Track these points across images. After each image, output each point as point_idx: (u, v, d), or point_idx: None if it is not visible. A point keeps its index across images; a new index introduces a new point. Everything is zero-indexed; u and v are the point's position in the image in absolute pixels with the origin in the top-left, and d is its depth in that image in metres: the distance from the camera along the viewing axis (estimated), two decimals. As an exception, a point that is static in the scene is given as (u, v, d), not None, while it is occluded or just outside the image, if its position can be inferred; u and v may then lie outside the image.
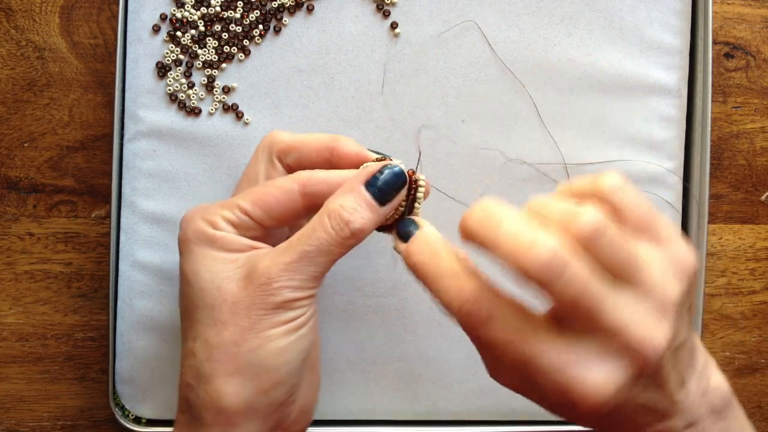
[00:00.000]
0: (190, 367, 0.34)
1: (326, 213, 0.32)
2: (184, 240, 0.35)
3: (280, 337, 0.32)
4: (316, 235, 0.32)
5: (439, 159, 0.43)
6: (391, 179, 0.33)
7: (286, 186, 0.34)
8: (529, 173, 0.43)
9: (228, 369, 0.32)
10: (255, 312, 0.32)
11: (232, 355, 0.32)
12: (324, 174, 0.34)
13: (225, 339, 0.32)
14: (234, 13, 0.42)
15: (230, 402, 0.32)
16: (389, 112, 0.43)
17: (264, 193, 0.34)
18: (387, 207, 0.33)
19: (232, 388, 0.32)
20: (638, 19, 0.43)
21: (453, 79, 0.43)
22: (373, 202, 0.33)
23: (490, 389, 0.44)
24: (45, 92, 0.45)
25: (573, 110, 0.43)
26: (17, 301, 0.45)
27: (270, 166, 0.36)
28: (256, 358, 0.32)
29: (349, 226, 0.32)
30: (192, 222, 0.34)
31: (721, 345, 0.48)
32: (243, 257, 0.33)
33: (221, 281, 0.33)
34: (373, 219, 0.33)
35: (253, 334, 0.32)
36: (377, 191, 0.33)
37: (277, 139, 0.36)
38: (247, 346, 0.32)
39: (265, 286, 0.32)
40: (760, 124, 0.47)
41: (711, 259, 0.47)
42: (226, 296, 0.33)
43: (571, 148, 0.43)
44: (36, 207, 0.45)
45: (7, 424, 0.46)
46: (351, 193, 0.33)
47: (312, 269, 0.32)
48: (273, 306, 0.32)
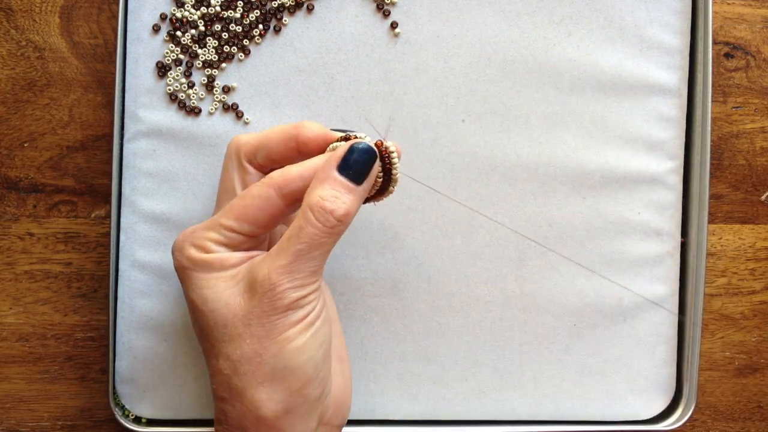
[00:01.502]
0: (220, 383, 0.34)
1: (308, 208, 0.32)
2: (180, 269, 0.35)
3: (297, 337, 0.33)
4: (304, 232, 0.32)
5: (438, 159, 0.43)
6: (361, 157, 0.33)
7: (264, 193, 0.34)
8: (529, 173, 0.43)
9: (257, 379, 0.33)
10: (267, 319, 0.32)
11: (257, 365, 0.33)
12: (296, 169, 0.34)
13: (246, 351, 0.33)
14: (234, 12, 0.42)
15: (268, 409, 0.33)
16: (389, 112, 0.43)
17: (244, 206, 0.34)
18: (365, 184, 0.33)
19: (266, 395, 0.33)
20: (638, 19, 0.43)
21: (453, 79, 0.43)
22: (350, 184, 0.33)
23: (490, 389, 0.44)
24: (45, 92, 0.45)
25: (573, 110, 0.43)
26: (17, 301, 0.45)
27: (242, 171, 0.36)
28: (280, 362, 0.33)
29: (334, 215, 0.32)
30: (184, 251, 0.34)
31: (721, 345, 0.48)
32: (242, 270, 0.34)
33: (228, 298, 0.33)
34: (355, 200, 0.33)
35: (271, 341, 0.32)
36: (351, 172, 0.33)
37: (242, 142, 0.36)
38: (268, 353, 0.32)
39: (270, 293, 0.32)
40: (760, 124, 0.47)
41: (711, 259, 0.47)
42: (236, 311, 0.33)
43: (571, 148, 0.43)
44: (36, 207, 0.45)
45: (7, 424, 0.46)
46: (326, 181, 0.33)
47: (309, 265, 0.33)
48: (282, 309, 0.32)
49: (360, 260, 0.43)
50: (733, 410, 0.48)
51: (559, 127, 0.43)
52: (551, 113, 0.43)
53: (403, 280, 0.44)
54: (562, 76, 0.43)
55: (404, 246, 0.43)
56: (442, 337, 0.44)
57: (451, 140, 0.43)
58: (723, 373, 0.48)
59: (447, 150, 0.43)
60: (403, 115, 0.43)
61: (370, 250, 0.43)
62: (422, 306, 0.44)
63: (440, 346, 0.44)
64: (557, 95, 0.43)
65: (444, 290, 0.44)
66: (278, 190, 0.33)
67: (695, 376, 0.44)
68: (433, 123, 0.43)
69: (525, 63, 0.43)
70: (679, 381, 0.45)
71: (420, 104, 0.43)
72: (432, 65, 0.43)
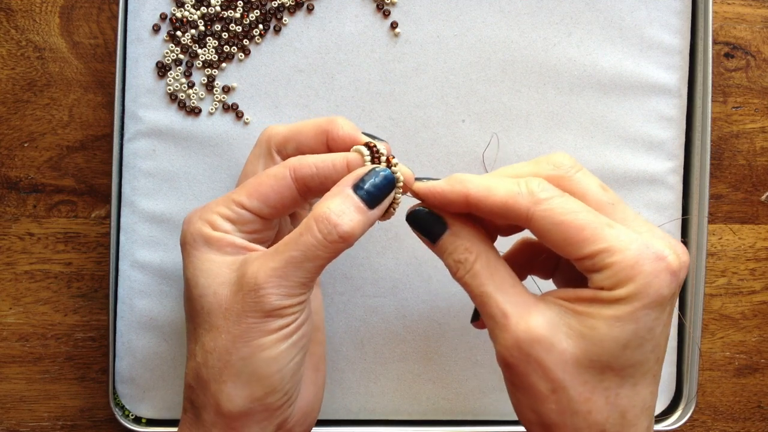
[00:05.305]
0: (191, 369, 0.34)
1: (313, 217, 0.32)
2: (183, 242, 0.35)
3: (271, 346, 0.32)
4: (302, 239, 0.31)
5: (438, 159, 0.43)
6: (380, 182, 0.33)
7: (279, 173, 0.33)
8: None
9: (222, 375, 0.32)
10: (245, 320, 0.32)
11: (225, 363, 0.32)
12: (312, 158, 0.34)
13: (218, 345, 0.32)
14: (234, 12, 0.42)
15: (227, 407, 0.32)
16: (389, 112, 0.43)
17: (258, 183, 0.34)
18: (377, 210, 0.33)
19: (227, 394, 0.32)
20: (638, 19, 0.43)
21: (453, 79, 0.43)
22: (362, 205, 0.32)
23: (490, 389, 0.44)
24: (45, 92, 0.45)
25: (573, 110, 0.43)
26: (17, 301, 0.45)
27: (269, 160, 0.36)
28: (247, 367, 0.32)
29: (338, 229, 0.31)
30: (191, 223, 0.34)
31: (721, 345, 0.48)
32: (238, 260, 0.33)
33: (217, 286, 0.33)
34: (362, 222, 0.32)
35: (244, 343, 0.32)
36: (366, 194, 0.32)
37: (274, 132, 0.36)
38: (238, 355, 0.32)
39: (253, 293, 0.31)
40: (760, 124, 0.47)
41: (711, 259, 0.47)
42: (221, 302, 0.32)
43: (571, 148, 0.43)
44: (36, 207, 0.45)
45: (7, 424, 0.46)
46: (339, 195, 0.32)
47: (299, 275, 0.32)
48: (262, 314, 0.32)
49: (360, 260, 0.43)
50: (733, 410, 0.48)
51: (559, 127, 0.43)
52: (551, 113, 0.43)
53: (403, 280, 0.44)
54: (562, 76, 0.43)
55: (404, 246, 0.43)
56: (442, 337, 0.44)
57: (451, 140, 0.43)
58: (723, 373, 0.48)
59: (447, 150, 0.43)
60: (403, 115, 0.43)
61: (370, 250, 0.43)
62: (422, 306, 0.44)
63: (440, 346, 0.44)
64: (557, 95, 0.43)
65: (444, 290, 0.44)
66: (292, 171, 0.33)
67: (695, 376, 0.44)
68: (433, 123, 0.43)
69: (525, 63, 0.43)
70: (679, 381, 0.45)
71: (420, 104, 0.43)
72: (432, 65, 0.43)
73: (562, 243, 0.31)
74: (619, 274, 0.30)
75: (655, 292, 0.29)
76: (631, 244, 0.30)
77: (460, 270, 0.33)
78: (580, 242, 0.30)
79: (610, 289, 0.30)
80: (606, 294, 0.30)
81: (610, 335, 0.30)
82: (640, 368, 0.31)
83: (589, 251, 0.30)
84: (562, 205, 0.31)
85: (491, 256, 0.33)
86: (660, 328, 0.30)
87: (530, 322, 0.31)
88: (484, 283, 0.32)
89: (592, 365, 0.30)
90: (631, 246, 0.30)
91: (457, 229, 0.33)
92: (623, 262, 0.29)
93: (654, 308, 0.30)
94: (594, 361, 0.30)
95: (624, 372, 0.31)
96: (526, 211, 0.31)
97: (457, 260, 0.33)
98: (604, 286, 0.30)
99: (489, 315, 0.32)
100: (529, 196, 0.31)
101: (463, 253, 0.32)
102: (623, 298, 0.30)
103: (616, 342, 0.30)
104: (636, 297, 0.29)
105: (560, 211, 0.30)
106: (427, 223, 0.34)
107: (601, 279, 0.30)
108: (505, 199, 0.31)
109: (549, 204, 0.31)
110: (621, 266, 0.29)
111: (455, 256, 0.33)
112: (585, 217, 0.30)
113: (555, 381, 0.30)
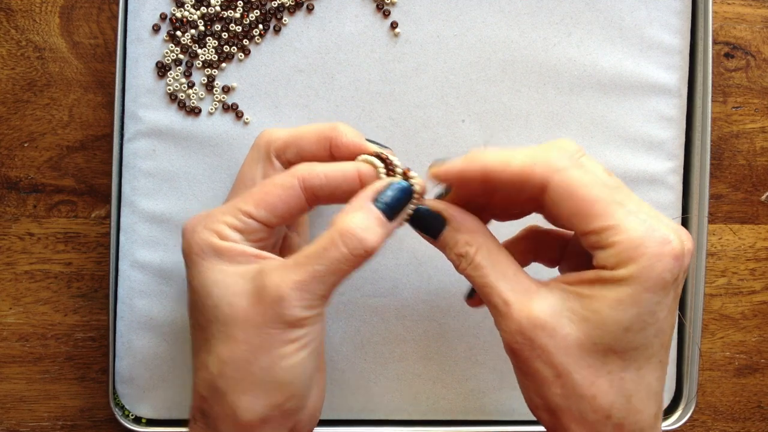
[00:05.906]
0: (204, 379, 0.34)
1: (338, 232, 0.32)
2: (189, 252, 0.34)
3: (291, 355, 0.32)
4: (328, 254, 0.32)
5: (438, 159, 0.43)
6: (399, 195, 0.33)
7: (287, 182, 0.33)
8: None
9: (242, 385, 0.32)
10: (266, 330, 0.32)
11: (245, 372, 0.32)
12: (321, 167, 0.34)
13: (237, 356, 0.32)
14: (234, 12, 0.42)
15: (246, 416, 0.32)
16: (389, 112, 0.43)
17: (265, 193, 0.33)
18: (395, 222, 0.33)
19: (247, 403, 0.32)
20: (638, 19, 0.43)
21: (453, 79, 0.43)
22: (383, 218, 0.33)
23: (490, 389, 0.44)
24: (45, 92, 0.45)
25: (573, 110, 0.43)
26: (17, 301, 0.45)
27: (268, 165, 0.36)
28: (268, 376, 0.32)
29: (364, 245, 0.32)
30: (196, 233, 0.34)
31: (721, 345, 0.48)
32: (252, 270, 0.33)
33: (232, 297, 0.33)
34: (384, 235, 0.33)
35: (265, 353, 0.32)
36: (386, 207, 0.33)
37: (273, 137, 0.36)
38: (258, 365, 0.32)
39: (276, 305, 0.32)
40: (760, 124, 0.47)
41: (711, 259, 0.47)
42: (238, 313, 0.32)
43: (571, 148, 0.43)
44: (36, 207, 0.45)
45: (7, 424, 0.46)
46: (361, 210, 0.32)
47: (322, 288, 0.32)
48: (285, 325, 0.32)
49: (360, 260, 0.43)
50: (733, 410, 0.48)
51: (559, 127, 0.43)
52: (551, 113, 0.43)
53: (403, 280, 0.44)
54: (562, 76, 0.43)
55: (404, 246, 0.43)
56: (442, 337, 0.44)
57: (451, 140, 0.43)
58: (723, 373, 0.48)
59: (447, 150, 0.43)
60: (403, 115, 0.43)
61: (370, 250, 0.43)
62: (422, 306, 0.44)
63: (440, 346, 0.44)
64: (557, 95, 0.43)
65: (444, 290, 0.44)
66: (301, 181, 0.33)
67: (695, 376, 0.44)
68: (433, 123, 0.43)
69: (525, 63, 0.43)
70: (679, 381, 0.45)
71: (420, 104, 0.43)
72: (432, 65, 0.43)
73: (572, 215, 0.31)
74: (623, 254, 0.30)
75: (657, 275, 0.30)
76: (638, 225, 0.30)
77: (462, 263, 0.33)
78: (590, 216, 0.30)
79: (613, 269, 0.30)
80: (608, 273, 0.30)
81: (612, 318, 0.30)
82: (643, 352, 0.31)
83: (597, 226, 0.30)
84: (579, 177, 0.31)
85: (492, 246, 0.33)
86: (663, 313, 0.30)
87: (532, 308, 0.31)
88: (486, 274, 0.32)
89: (595, 349, 0.30)
90: (637, 227, 0.30)
91: (456, 224, 0.33)
92: (628, 241, 0.30)
93: (656, 292, 0.30)
94: (597, 344, 0.30)
95: (627, 355, 0.31)
96: (542, 179, 0.31)
97: (459, 254, 0.33)
98: (606, 264, 0.30)
99: (492, 304, 0.32)
100: (547, 165, 0.31)
101: (463, 246, 0.33)
102: (625, 278, 0.30)
103: (618, 324, 0.30)
104: (638, 279, 0.30)
105: (576, 183, 0.31)
106: (426, 221, 0.34)
107: (605, 257, 0.30)
108: (522, 167, 0.31)
109: (567, 174, 0.31)
110: (625, 245, 0.30)
111: (456, 250, 0.33)
112: (599, 192, 0.30)
113: (558, 366, 0.31)
